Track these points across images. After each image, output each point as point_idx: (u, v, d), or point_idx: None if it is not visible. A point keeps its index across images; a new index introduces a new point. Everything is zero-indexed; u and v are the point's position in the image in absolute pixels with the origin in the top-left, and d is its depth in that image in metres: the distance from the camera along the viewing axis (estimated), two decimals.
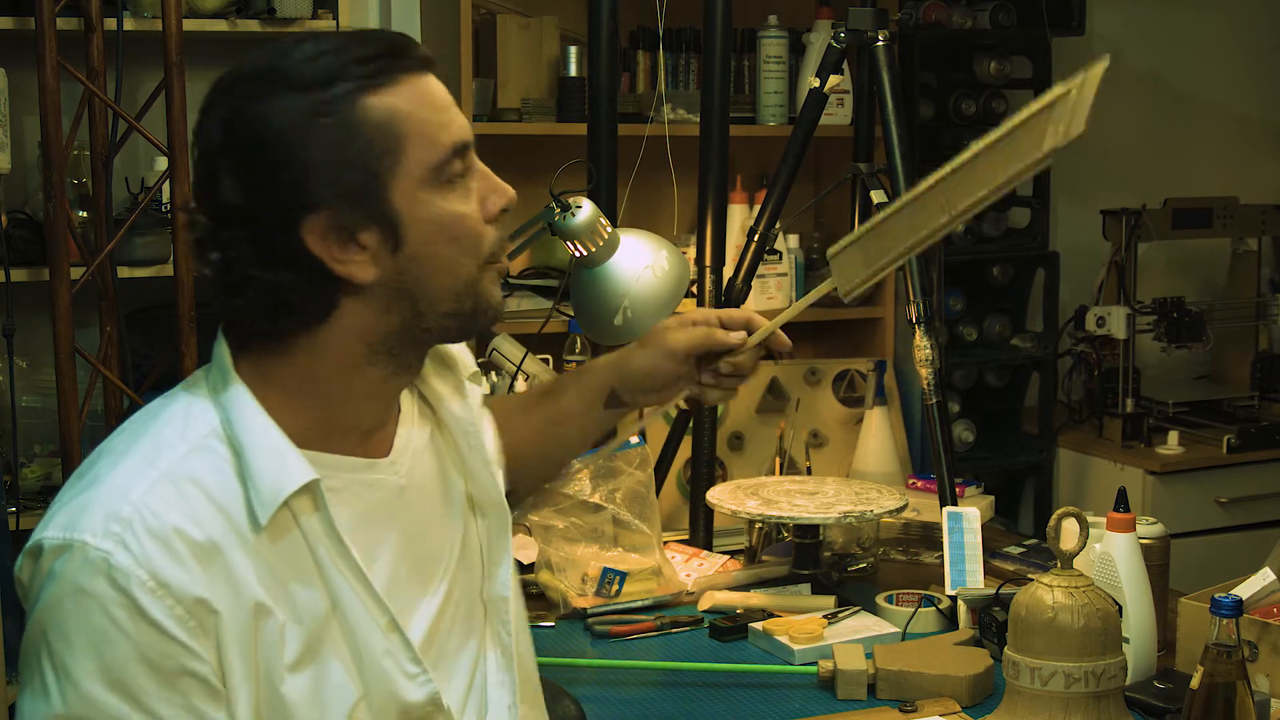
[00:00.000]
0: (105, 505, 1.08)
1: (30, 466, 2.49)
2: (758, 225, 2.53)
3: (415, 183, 1.15)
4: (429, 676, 1.20)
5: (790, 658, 1.89)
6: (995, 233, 3.40)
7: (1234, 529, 3.32)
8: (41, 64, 2.20)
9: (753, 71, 3.12)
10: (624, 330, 1.84)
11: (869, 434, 2.83)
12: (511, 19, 2.91)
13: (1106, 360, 3.43)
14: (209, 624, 1.08)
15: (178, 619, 1.07)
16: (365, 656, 1.17)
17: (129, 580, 1.05)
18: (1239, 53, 3.91)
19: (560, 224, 1.79)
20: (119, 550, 1.06)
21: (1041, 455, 3.44)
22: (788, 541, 2.25)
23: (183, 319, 2.34)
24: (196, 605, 1.08)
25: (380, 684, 1.17)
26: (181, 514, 1.09)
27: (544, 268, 2.96)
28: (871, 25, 2.40)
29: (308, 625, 1.14)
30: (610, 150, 2.29)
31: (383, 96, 1.14)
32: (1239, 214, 3.54)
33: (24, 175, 2.56)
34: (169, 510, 1.09)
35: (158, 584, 1.06)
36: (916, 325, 2.28)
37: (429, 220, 1.16)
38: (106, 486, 1.10)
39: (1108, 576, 1.76)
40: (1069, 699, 1.56)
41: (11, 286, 2.29)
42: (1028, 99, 1.24)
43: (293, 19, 2.44)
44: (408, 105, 1.14)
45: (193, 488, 1.11)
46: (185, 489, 1.10)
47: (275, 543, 1.13)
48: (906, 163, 2.33)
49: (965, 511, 2.07)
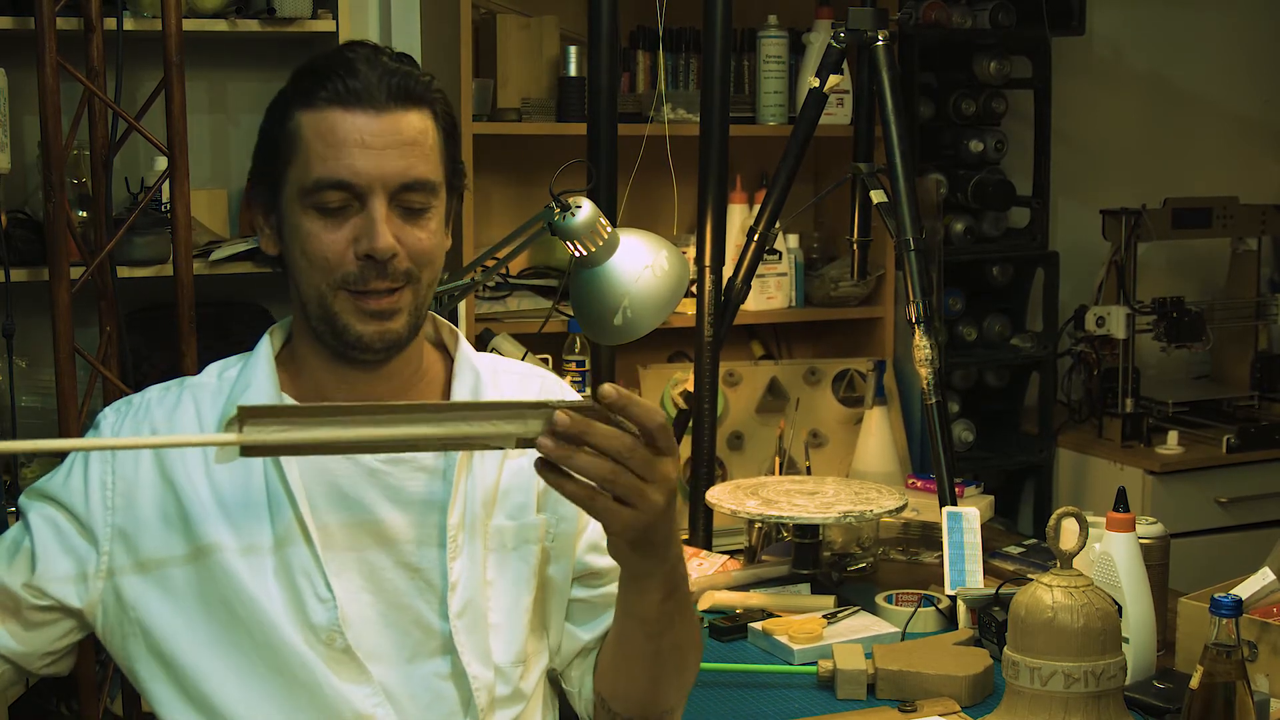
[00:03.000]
0: (135, 395, 1.43)
1: (30, 466, 2.48)
2: (758, 225, 2.53)
3: (292, 194, 1.35)
4: (335, 605, 1.32)
5: (790, 658, 1.89)
6: (995, 233, 3.40)
7: (1233, 529, 3.32)
8: (41, 64, 2.20)
9: (753, 71, 3.12)
10: (624, 330, 1.84)
11: (869, 434, 2.83)
12: (511, 19, 2.91)
13: (1106, 360, 3.43)
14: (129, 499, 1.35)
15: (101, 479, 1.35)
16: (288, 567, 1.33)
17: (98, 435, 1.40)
18: (1239, 53, 3.91)
19: (560, 224, 1.79)
20: (112, 415, 1.41)
21: (1041, 455, 3.44)
22: (787, 541, 2.25)
23: (183, 319, 2.34)
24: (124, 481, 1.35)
25: (297, 597, 1.33)
26: (165, 415, 1.39)
27: (544, 268, 2.96)
28: (871, 25, 2.40)
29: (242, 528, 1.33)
30: (610, 150, 2.28)
31: (306, 115, 1.34)
32: (1239, 214, 3.54)
33: (24, 175, 2.56)
34: (160, 409, 1.39)
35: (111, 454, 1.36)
36: (916, 325, 2.28)
37: (293, 227, 1.35)
38: (150, 387, 1.43)
39: (1107, 576, 1.76)
40: (1069, 699, 1.56)
41: (11, 286, 2.29)
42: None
43: (292, 19, 2.44)
44: (311, 130, 1.33)
45: (190, 398, 1.40)
46: (184, 397, 1.40)
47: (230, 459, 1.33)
48: (906, 163, 2.33)
49: (965, 511, 2.07)
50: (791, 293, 3.12)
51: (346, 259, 1.32)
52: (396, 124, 1.33)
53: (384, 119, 1.32)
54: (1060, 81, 3.47)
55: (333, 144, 1.32)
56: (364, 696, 1.33)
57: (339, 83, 1.32)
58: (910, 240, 2.30)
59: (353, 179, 1.31)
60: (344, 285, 1.33)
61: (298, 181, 1.33)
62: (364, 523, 1.36)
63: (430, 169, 1.35)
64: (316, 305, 1.35)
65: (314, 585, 1.33)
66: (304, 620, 1.32)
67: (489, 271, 2.12)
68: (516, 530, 1.41)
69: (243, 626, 1.32)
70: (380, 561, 1.36)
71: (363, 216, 1.32)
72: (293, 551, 1.33)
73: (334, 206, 1.32)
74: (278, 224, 1.37)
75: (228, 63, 2.69)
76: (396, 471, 1.37)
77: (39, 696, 2.33)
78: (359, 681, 1.33)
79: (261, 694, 1.32)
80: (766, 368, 3.06)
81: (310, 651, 1.32)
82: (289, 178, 1.35)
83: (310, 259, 1.33)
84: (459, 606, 1.36)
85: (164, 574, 1.33)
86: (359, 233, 1.32)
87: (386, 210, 1.32)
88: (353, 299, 1.33)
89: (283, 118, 1.36)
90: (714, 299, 2.41)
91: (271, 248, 1.39)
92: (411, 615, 1.36)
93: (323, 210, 1.32)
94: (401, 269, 1.33)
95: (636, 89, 3.06)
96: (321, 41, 2.53)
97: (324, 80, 1.33)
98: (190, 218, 2.34)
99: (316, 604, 1.33)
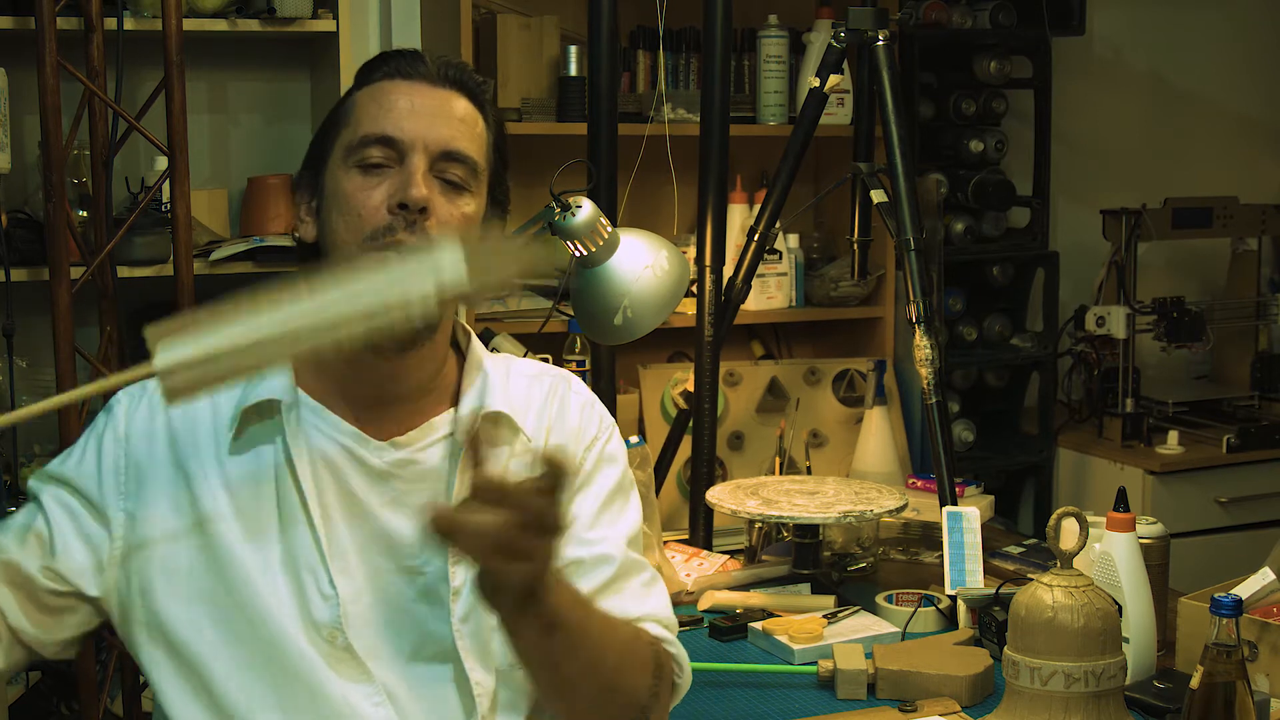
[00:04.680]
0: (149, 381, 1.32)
1: (30, 466, 2.48)
2: (758, 225, 2.53)
3: (337, 159, 1.36)
4: (338, 602, 1.32)
5: (790, 657, 1.89)
6: (995, 233, 3.41)
7: (1234, 529, 3.33)
8: (41, 64, 2.20)
9: (753, 71, 3.12)
10: (624, 330, 1.84)
11: (869, 434, 2.83)
12: (511, 19, 2.92)
13: (1106, 360, 3.43)
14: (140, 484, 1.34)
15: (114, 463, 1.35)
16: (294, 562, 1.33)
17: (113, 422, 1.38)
18: (1239, 53, 3.91)
19: (560, 224, 1.79)
20: (125, 399, 1.39)
21: (1041, 455, 3.44)
22: (788, 541, 2.25)
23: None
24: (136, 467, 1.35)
25: (301, 592, 1.32)
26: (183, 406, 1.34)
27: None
28: (871, 25, 2.40)
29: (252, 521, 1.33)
30: (610, 150, 2.28)
31: (361, 91, 1.39)
32: (1239, 214, 3.54)
33: (24, 175, 2.56)
34: None
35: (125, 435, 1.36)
36: (916, 325, 2.28)
37: (332, 193, 1.36)
38: None
39: (1107, 576, 1.76)
40: (1069, 699, 1.56)
41: (11, 286, 2.29)
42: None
43: (292, 19, 2.44)
44: (364, 98, 1.38)
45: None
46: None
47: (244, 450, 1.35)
48: (906, 162, 2.33)
49: (965, 511, 2.07)
50: (791, 293, 3.12)
51: (380, 213, 1.32)
52: (449, 100, 1.37)
53: (437, 92, 1.37)
54: (1060, 81, 3.47)
55: (384, 105, 1.35)
56: (365, 696, 1.33)
57: (398, 61, 1.38)
58: (910, 240, 2.30)
59: (397, 134, 1.34)
60: (372, 241, 1.32)
61: (344, 142, 1.36)
62: (369, 526, 1.36)
63: (476, 150, 1.37)
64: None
65: (318, 581, 1.33)
66: (307, 616, 1.32)
67: None
68: None
69: (245, 618, 1.32)
70: (383, 565, 1.36)
71: (401, 171, 1.33)
72: (299, 546, 1.33)
73: (375, 162, 1.33)
74: (318, 204, 1.38)
75: (228, 63, 2.69)
76: (404, 475, 1.37)
77: (39, 697, 2.33)
78: (360, 681, 1.33)
79: (262, 686, 1.32)
80: (766, 368, 3.06)
81: (311, 648, 1.32)
82: (336, 147, 1.37)
83: (346, 218, 1.33)
84: (462, 612, 1.36)
85: (171, 561, 1.33)
86: (394, 187, 1.33)
87: (426, 171, 1.33)
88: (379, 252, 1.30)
89: (341, 104, 1.40)
90: (714, 299, 2.41)
91: (310, 232, 1.39)
92: (413, 619, 1.36)
93: (364, 168, 1.34)
94: (431, 234, 1.32)
95: (637, 89, 3.06)
96: (322, 41, 2.53)
97: (384, 61, 1.38)
98: (190, 218, 2.34)
99: (319, 600, 1.33)
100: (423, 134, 1.34)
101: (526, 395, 1.45)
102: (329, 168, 1.37)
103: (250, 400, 1.35)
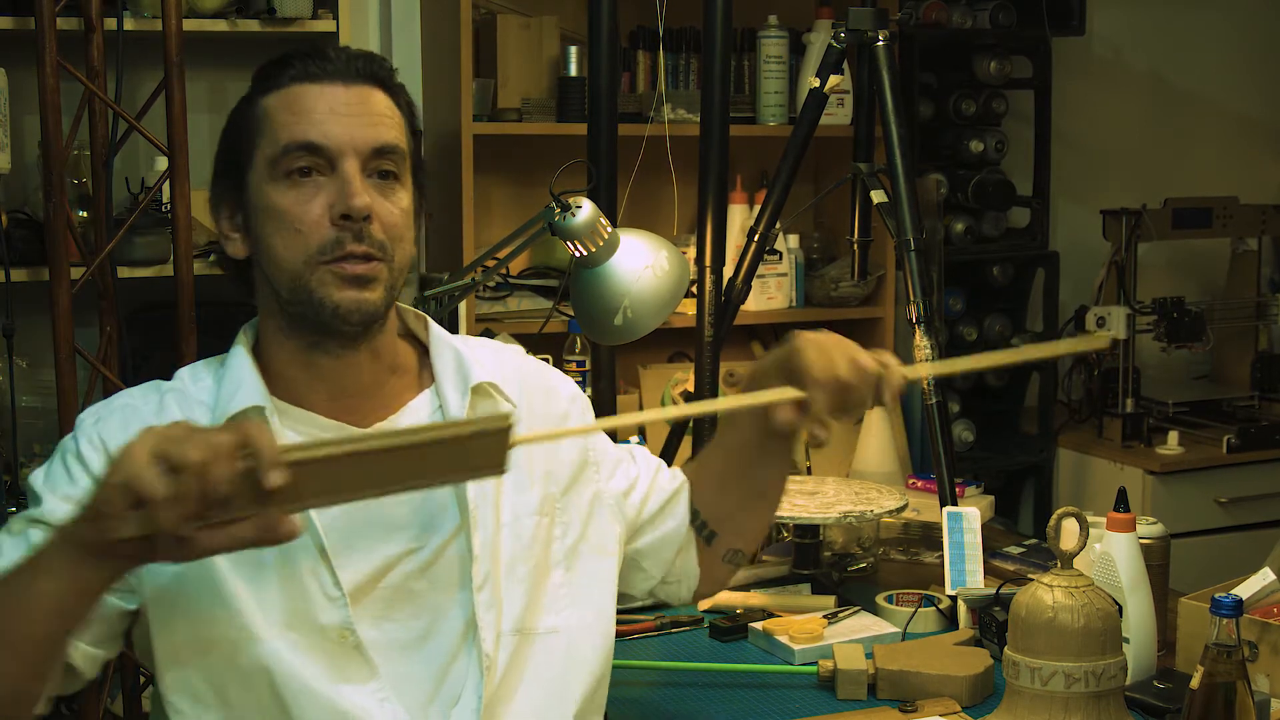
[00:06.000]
0: (111, 398, 1.39)
1: (30, 466, 2.48)
2: (758, 225, 2.53)
3: (261, 173, 1.33)
4: (346, 602, 1.31)
5: (790, 658, 1.89)
6: (995, 233, 3.41)
7: (1234, 529, 3.33)
8: (41, 64, 2.20)
9: (753, 71, 3.12)
10: (624, 330, 1.84)
11: (869, 434, 2.82)
12: (511, 19, 2.92)
13: (1106, 360, 3.43)
14: None
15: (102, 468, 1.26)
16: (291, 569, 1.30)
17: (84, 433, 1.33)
18: (1239, 53, 3.91)
19: (560, 224, 1.79)
20: (90, 417, 1.36)
21: (1041, 455, 3.44)
22: (788, 541, 2.25)
23: (183, 319, 2.34)
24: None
25: (302, 598, 1.31)
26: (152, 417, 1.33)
27: (544, 268, 2.96)
28: (871, 25, 2.40)
29: None
30: (610, 150, 2.28)
31: (269, 97, 1.34)
32: (1239, 214, 3.54)
33: (24, 175, 2.56)
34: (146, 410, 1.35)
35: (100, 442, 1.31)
36: (916, 325, 2.27)
37: (263, 209, 1.33)
38: (123, 391, 1.40)
39: (1108, 576, 1.76)
40: (1069, 699, 1.56)
41: (11, 286, 2.29)
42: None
43: (293, 19, 2.44)
44: (276, 105, 1.33)
45: (174, 402, 1.36)
46: (167, 400, 1.36)
47: None
48: (906, 163, 2.33)
49: (965, 511, 2.07)
50: (792, 293, 3.12)
51: (322, 226, 1.30)
52: (366, 96, 1.34)
53: (353, 90, 1.33)
54: (1060, 81, 3.47)
55: (300, 112, 1.31)
56: (370, 694, 1.32)
57: (306, 63, 1.33)
58: (910, 240, 2.30)
59: (323, 140, 1.31)
60: (320, 257, 1.30)
61: (265, 156, 1.32)
62: (366, 514, 1.34)
63: (400, 138, 1.36)
64: (292, 288, 1.32)
65: (322, 584, 1.32)
66: (311, 622, 1.31)
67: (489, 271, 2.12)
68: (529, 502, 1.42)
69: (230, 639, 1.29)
70: (387, 551, 1.35)
71: (335, 179, 1.31)
72: (297, 550, 1.31)
73: (303, 169, 1.31)
74: (245, 219, 1.35)
75: (228, 63, 2.69)
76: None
77: None
78: (365, 678, 1.32)
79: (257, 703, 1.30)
80: None
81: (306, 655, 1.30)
82: (256, 160, 1.33)
83: (284, 234, 1.31)
84: (480, 579, 1.36)
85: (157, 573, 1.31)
86: (333, 198, 1.30)
87: (360, 174, 1.32)
88: (330, 269, 1.31)
89: (247, 110, 1.35)
90: (714, 299, 2.41)
91: (240, 249, 1.36)
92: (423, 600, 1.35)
93: (292, 179, 1.31)
94: (377, 238, 1.32)
95: (637, 89, 3.06)
96: (322, 42, 2.53)
97: (288, 64, 1.34)
98: (190, 218, 2.34)
99: (325, 602, 1.31)
100: (350, 137, 1.31)
101: (496, 361, 1.47)
102: (252, 182, 1.34)
103: (231, 409, 1.33)
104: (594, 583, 1.47)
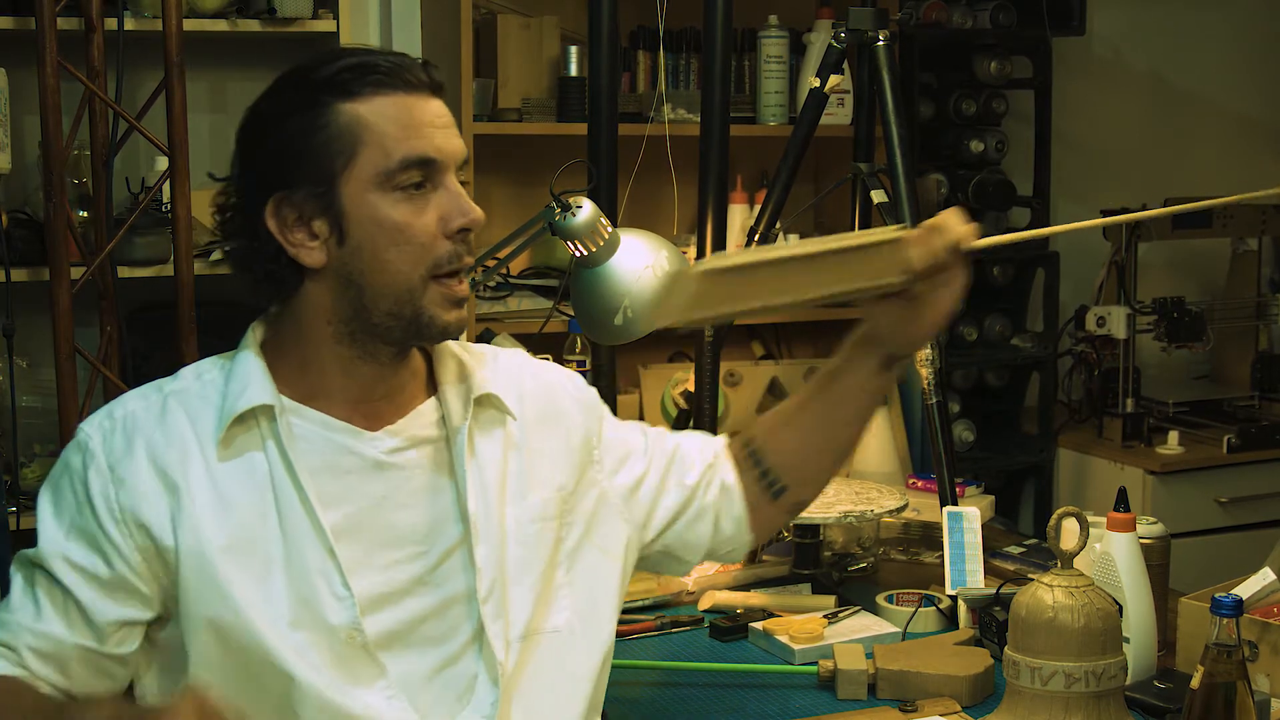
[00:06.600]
0: (112, 407, 1.35)
1: (30, 466, 2.49)
2: (758, 225, 2.53)
3: (364, 185, 1.31)
4: (354, 602, 1.31)
5: (790, 657, 1.89)
6: (995, 233, 3.40)
7: (1234, 529, 3.32)
8: (42, 64, 2.20)
9: (753, 71, 3.12)
10: (624, 330, 1.84)
11: (869, 434, 2.82)
12: (511, 19, 2.92)
13: (1106, 360, 3.43)
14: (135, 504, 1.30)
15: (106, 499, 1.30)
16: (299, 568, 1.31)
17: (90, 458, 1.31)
18: (1239, 53, 3.91)
19: (560, 224, 1.79)
20: (97, 434, 1.33)
21: (1041, 455, 3.44)
22: (788, 541, 2.25)
23: (183, 319, 2.34)
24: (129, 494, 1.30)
25: (310, 598, 1.31)
26: (156, 424, 1.33)
27: (544, 268, 2.96)
28: (871, 25, 2.40)
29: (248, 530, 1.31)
30: (610, 150, 2.28)
31: (355, 105, 1.31)
32: (1239, 214, 3.53)
33: (24, 175, 2.56)
34: (148, 419, 1.33)
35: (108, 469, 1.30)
36: None
37: (372, 220, 1.31)
38: (124, 397, 1.37)
39: (1108, 576, 1.76)
40: (1069, 699, 1.56)
41: (11, 286, 2.29)
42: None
43: (293, 19, 2.44)
44: (373, 116, 1.31)
45: (178, 406, 1.34)
46: (169, 404, 1.34)
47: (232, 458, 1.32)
48: (906, 163, 2.33)
49: (965, 511, 2.07)
50: None
51: (439, 242, 1.33)
52: (443, 107, 1.37)
53: (434, 102, 1.35)
54: (1060, 81, 3.47)
55: (410, 125, 1.32)
56: (378, 692, 1.32)
57: (397, 72, 1.33)
58: None
59: (438, 155, 1.32)
60: (435, 272, 1.32)
61: (375, 168, 1.30)
62: (374, 518, 1.35)
63: None
64: (399, 300, 1.32)
65: (330, 584, 1.31)
66: (320, 622, 1.31)
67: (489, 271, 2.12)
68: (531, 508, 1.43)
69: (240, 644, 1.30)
70: (394, 555, 1.35)
71: (442, 194, 1.33)
72: (305, 550, 1.31)
73: (416, 184, 1.32)
74: (338, 226, 1.31)
75: (228, 63, 2.69)
76: (402, 463, 1.37)
77: None
78: (373, 679, 1.32)
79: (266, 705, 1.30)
80: (767, 368, 3.06)
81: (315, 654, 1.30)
82: (353, 171, 1.30)
83: (401, 249, 1.31)
84: (485, 589, 1.36)
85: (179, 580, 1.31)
86: (443, 211, 1.33)
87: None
88: (441, 289, 1.33)
89: (314, 118, 1.30)
90: None
91: (318, 258, 1.32)
92: (430, 606, 1.36)
93: (407, 193, 1.31)
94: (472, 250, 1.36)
95: (637, 89, 3.06)
96: (322, 42, 2.53)
97: (368, 70, 1.32)
98: (190, 218, 2.34)
99: (334, 602, 1.31)
100: (450, 150, 1.34)
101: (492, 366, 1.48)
102: (349, 192, 1.30)
103: (238, 408, 1.32)
104: (594, 582, 1.47)
